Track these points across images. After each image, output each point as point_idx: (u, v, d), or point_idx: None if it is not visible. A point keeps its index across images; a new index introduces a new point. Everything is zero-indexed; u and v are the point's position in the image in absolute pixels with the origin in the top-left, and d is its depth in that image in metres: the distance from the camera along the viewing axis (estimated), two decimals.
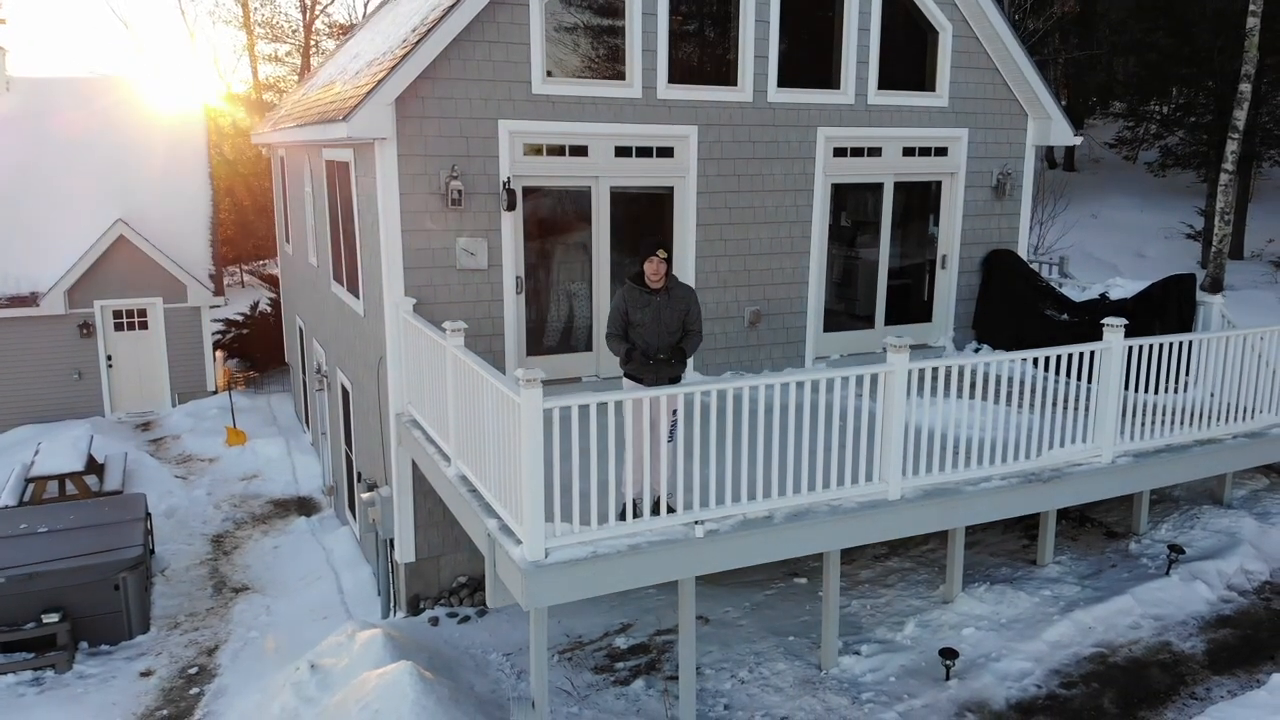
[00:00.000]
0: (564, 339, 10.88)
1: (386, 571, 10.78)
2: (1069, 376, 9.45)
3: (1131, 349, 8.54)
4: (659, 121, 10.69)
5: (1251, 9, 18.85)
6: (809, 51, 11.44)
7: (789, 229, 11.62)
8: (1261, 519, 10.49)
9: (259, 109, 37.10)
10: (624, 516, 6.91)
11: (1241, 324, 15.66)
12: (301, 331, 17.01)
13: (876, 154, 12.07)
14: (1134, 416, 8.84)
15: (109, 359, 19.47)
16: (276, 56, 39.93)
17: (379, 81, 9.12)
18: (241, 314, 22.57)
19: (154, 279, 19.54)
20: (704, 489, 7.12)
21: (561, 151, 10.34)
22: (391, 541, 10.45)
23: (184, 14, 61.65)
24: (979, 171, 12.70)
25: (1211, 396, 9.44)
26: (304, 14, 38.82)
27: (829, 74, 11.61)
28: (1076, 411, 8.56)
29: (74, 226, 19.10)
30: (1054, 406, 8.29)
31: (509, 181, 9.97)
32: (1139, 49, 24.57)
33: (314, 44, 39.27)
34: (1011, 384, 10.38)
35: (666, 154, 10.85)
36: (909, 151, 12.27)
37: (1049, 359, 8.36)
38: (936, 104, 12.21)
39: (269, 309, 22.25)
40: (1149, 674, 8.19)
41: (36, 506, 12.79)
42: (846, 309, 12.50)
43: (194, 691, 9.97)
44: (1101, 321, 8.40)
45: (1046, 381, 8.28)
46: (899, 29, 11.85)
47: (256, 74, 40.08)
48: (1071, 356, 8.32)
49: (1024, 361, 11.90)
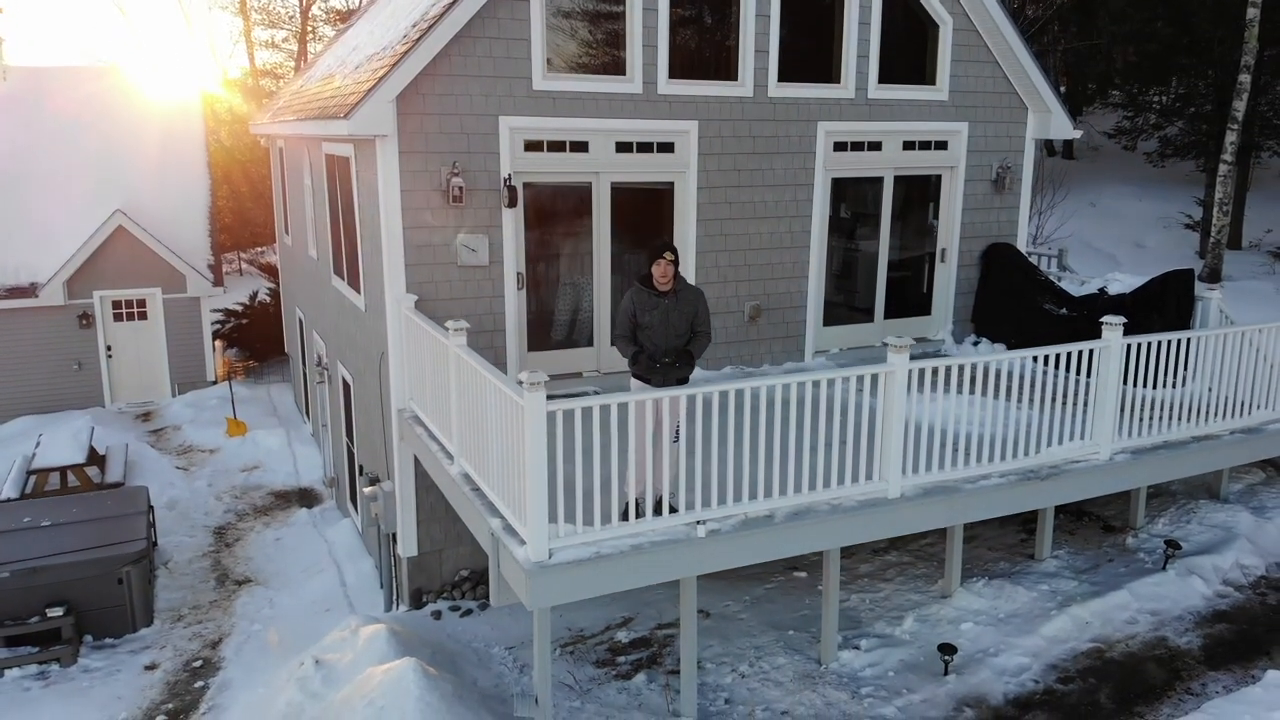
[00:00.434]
0: (565, 334, 10.91)
1: (389, 565, 10.85)
2: (1068, 371, 9.51)
3: (1130, 347, 8.59)
4: (660, 117, 10.69)
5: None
6: (809, 46, 11.43)
7: (789, 224, 11.64)
8: (1258, 513, 10.58)
9: (256, 96, 36.98)
10: (626, 516, 6.97)
11: (1240, 316, 15.71)
12: (301, 323, 17.03)
13: (877, 148, 12.08)
14: (1132, 412, 8.89)
15: (108, 349, 19.48)
16: (273, 43, 39.74)
17: (380, 79, 9.12)
18: (241, 304, 22.57)
19: (153, 269, 19.53)
20: (706, 488, 7.18)
21: (562, 147, 10.35)
22: (394, 535, 10.52)
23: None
24: (978, 165, 12.72)
25: (1209, 391, 9.49)
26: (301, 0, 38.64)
27: (829, 68, 11.61)
28: (1075, 407, 8.61)
29: (73, 217, 19.08)
30: (1053, 401, 8.35)
31: (510, 178, 9.98)
32: (1138, 38, 24.53)
33: (311, 30, 39.09)
34: (1010, 378, 10.42)
35: (667, 149, 10.86)
36: (909, 145, 12.28)
37: (1048, 356, 8.41)
38: (936, 98, 12.22)
39: (268, 299, 22.25)
40: (1145, 669, 8.28)
41: (39, 500, 12.82)
42: (846, 303, 12.54)
43: (198, 685, 10.04)
44: (1101, 320, 8.44)
45: (1045, 376, 8.32)
46: (899, 22, 11.84)
47: (253, 60, 39.91)
48: (1071, 355, 8.37)
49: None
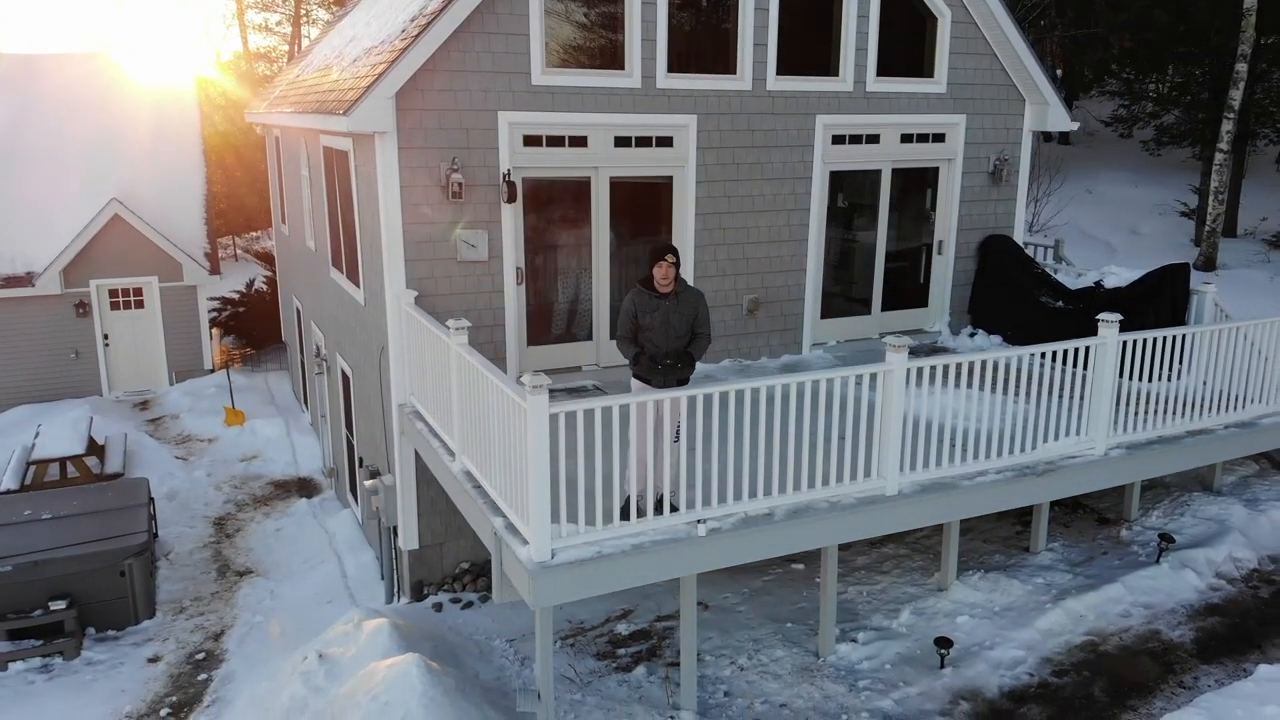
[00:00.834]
0: (565, 328, 10.96)
1: (390, 557, 10.93)
2: (1064, 364, 9.56)
3: (1126, 344, 8.65)
4: (658, 111, 10.69)
5: None
6: (808, 39, 11.43)
7: (787, 217, 11.67)
8: (1250, 506, 10.69)
9: (250, 79, 36.77)
10: (627, 514, 7.03)
11: (1234, 305, 15.80)
12: (299, 312, 17.04)
13: (875, 141, 12.10)
14: (1127, 405, 8.95)
15: (105, 338, 19.48)
16: (267, 26, 39.54)
17: (379, 75, 9.12)
18: (237, 291, 22.55)
19: (149, 258, 19.50)
20: (706, 487, 7.24)
21: (561, 142, 10.36)
22: (395, 528, 10.59)
23: None
24: (976, 157, 12.75)
25: (1204, 384, 9.57)
26: None
27: (828, 61, 11.61)
28: (1071, 400, 8.64)
29: (68, 205, 19.03)
30: (1049, 394, 8.35)
31: (509, 173, 10.00)
32: (1136, 26, 24.50)
33: (305, 13, 38.85)
34: (1007, 372, 10.46)
35: (666, 143, 10.87)
36: (907, 138, 12.30)
37: (1045, 350, 8.46)
38: (934, 90, 12.23)
39: (265, 287, 22.22)
40: (1139, 662, 8.40)
41: (40, 492, 12.87)
42: (844, 295, 12.59)
43: (202, 677, 10.13)
44: (1097, 317, 8.50)
45: (1042, 368, 8.38)
46: (897, 15, 11.84)
47: (246, 44, 39.69)
48: (1067, 352, 8.43)
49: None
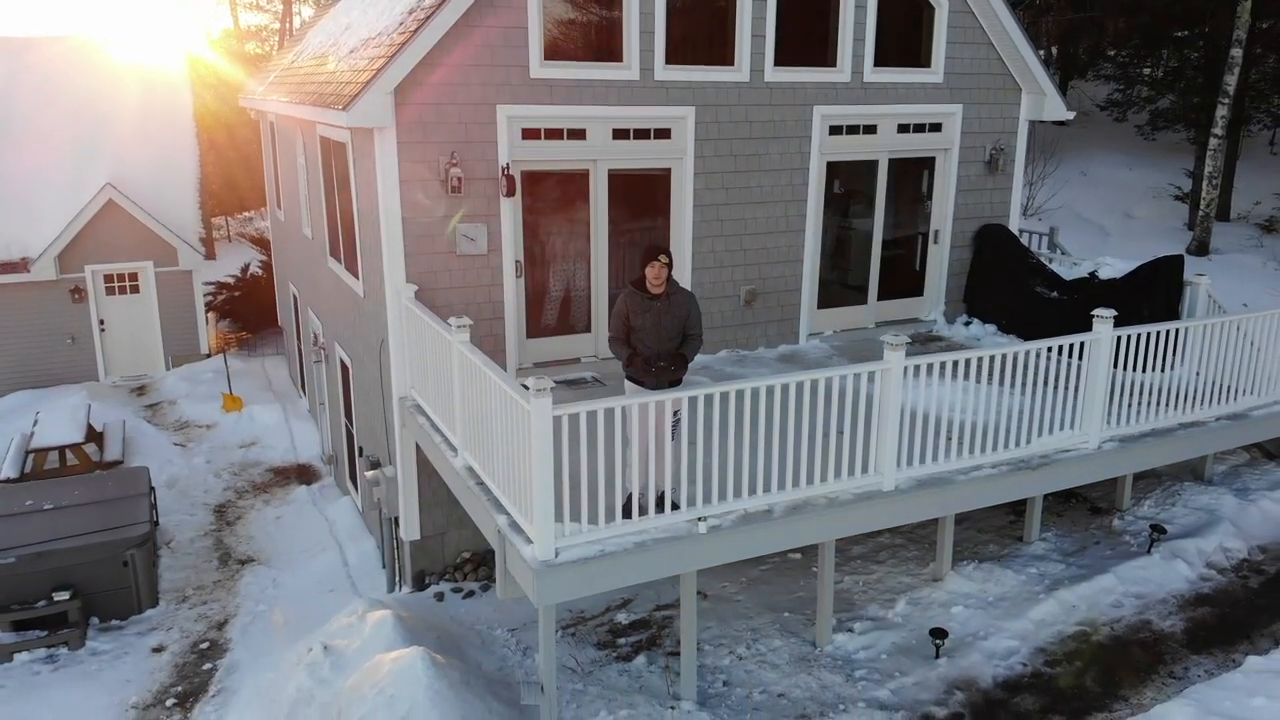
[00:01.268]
0: (563, 320, 11.02)
1: (391, 547, 11.03)
2: (1059, 354, 9.64)
3: (1121, 339, 8.75)
4: (657, 103, 10.71)
5: None
6: (806, 30, 11.43)
7: (784, 208, 11.72)
8: (1241, 495, 10.83)
9: (241, 58, 36.47)
10: (629, 512, 7.13)
11: (1227, 291, 15.90)
12: (295, 299, 17.05)
13: (872, 131, 12.13)
14: (1121, 396, 9.04)
15: (101, 323, 19.48)
16: (257, 4, 39.15)
17: (378, 70, 9.11)
18: (233, 276, 22.51)
19: (144, 243, 19.46)
20: (706, 484, 7.33)
21: (560, 135, 10.37)
22: (396, 519, 10.68)
23: None
24: (972, 147, 12.80)
25: (1197, 375, 9.68)
26: None
27: (825, 52, 11.62)
28: (1065, 391, 8.70)
29: (62, 191, 18.95)
30: (1044, 385, 8.40)
31: (508, 167, 10.02)
32: (1131, 10, 24.43)
33: None
34: (1003, 363, 10.55)
35: (664, 135, 10.90)
36: (904, 128, 12.33)
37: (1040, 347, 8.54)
38: (931, 80, 12.25)
39: (260, 271, 22.20)
40: (1130, 653, 8.55)
41: (41, 481, 12.92)
42: (840, 285, 12.67)
43: (206, 667, 10.24)
44: (1092, 313, 8.59)
45: (1037, 361, 8.46)
46: (895, 5, 11.84)
47: (237, 21, 39.37)
48: (1063, 348, 8.52)
49: (1013, 339, 12.18)
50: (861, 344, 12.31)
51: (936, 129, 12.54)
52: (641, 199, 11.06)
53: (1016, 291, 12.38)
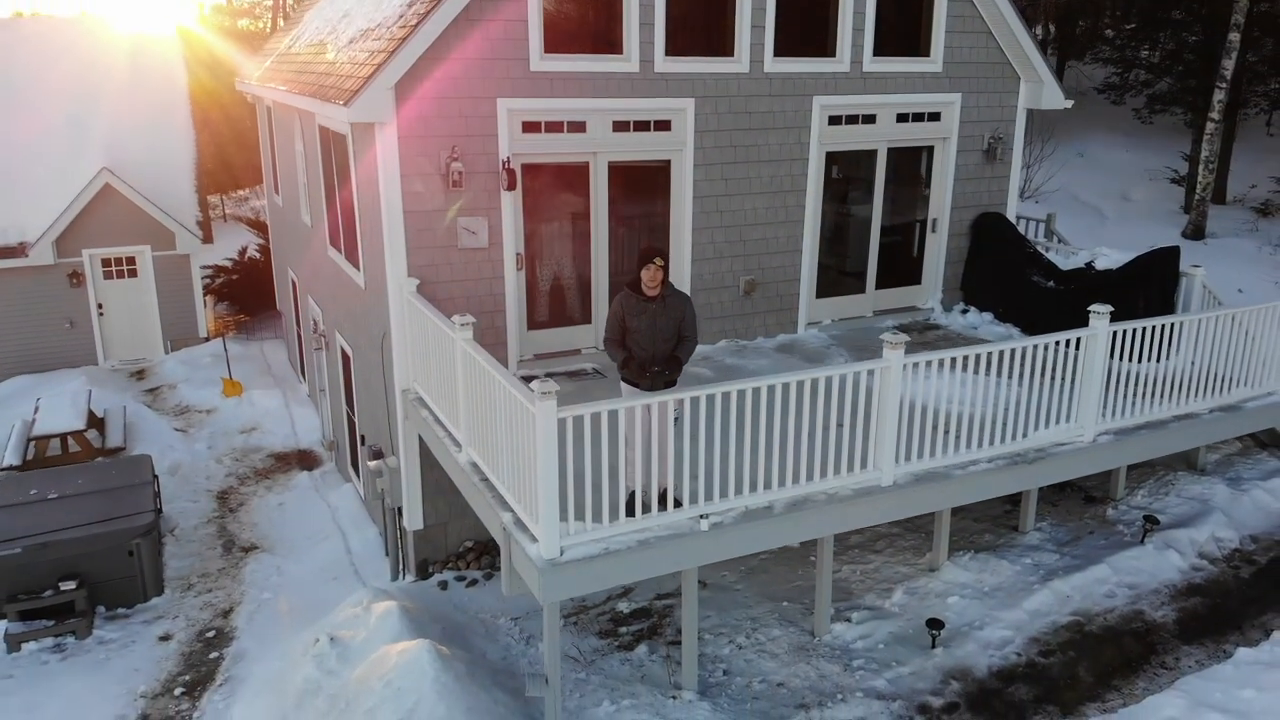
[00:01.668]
0: (564, 312, 11.09)
1: (394, 536, 11.15)
2: (1056, 345, 9.71)
3: (1117, 333, 8.84)
4: (657, 95, 10.72)
5: None
6: (805, 20, 11.42)
7: (784, 198, 11.76)
8: (1233, 485, 10.98)
9: (234, 35, 36.21)
10: (632, 509, 7.23)
11: (1222, 276, 15.99)
12: (295, 284, 17.07)
13: (871, 121, 12.16)
14: (1116, 386, 9.13)
15: (100, 307, 19.49)
16: None
17: (379, 65, 9.12)
18: (230, 259, 22.50)
19: (142, 226, 19.44)
20: (708, 481, 7.43)
21: (560, 128, 10.40)
22: (399, 509, 10.79)
23: None
24: (970, 136, 12.83)
25: (1192, 364, 9.78)
26: None
27: (825, 42, 11.62)
28: (1061, 383, 8.77)
29: (58, 174, 18.87)
30: (1042, 375, 8.45)
31: (509, 160, 10.05)
32: None
33: None
34: (1001, 358, 10.63)
35: (664, 127, 10.92)
36: (903, 117, 12.36)
37: (1037, 333, 8.60)
38: (930, 69, 12.27)
39: (258, 255, 22.18)
40: (1122, 643, 8.72)
41: (44, 470, 12.99)
42: (839, 274, 12.74)
43: (213, 655, 10.37)
44: (1089, 309, 8.67)
45: (1035, 349, 8.55)
46: None
47: None
48: (1060, 343, 8.61)
49: (1011, 329, 12.28)
50: (860, 333, 12.41)
51: (935, 118, 12.57)
52: (641, 191, 11.10)
53: (1013, 280, 12.46)
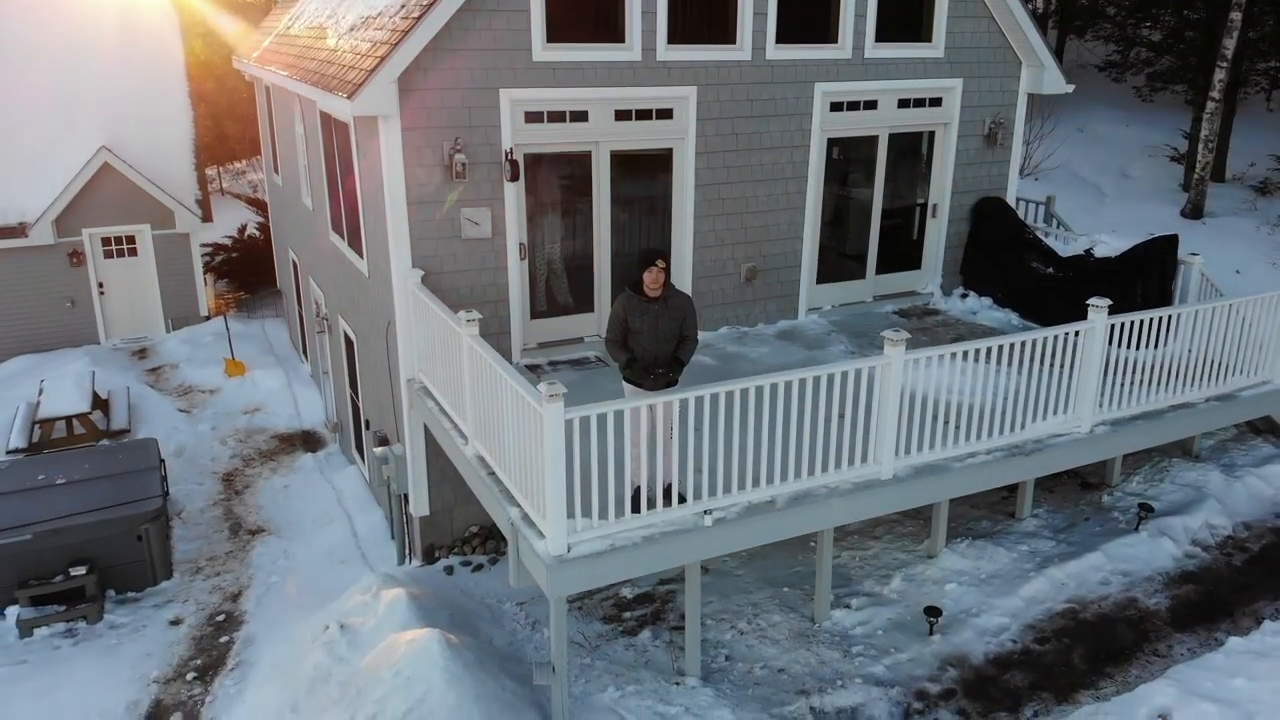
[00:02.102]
0: (567, 301, 11.17)
1: (401, 522, 11.29)
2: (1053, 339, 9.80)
3: (1115, 326, 8.94)
4: (659, 83, 10.73)
5: None
6: (807, 6, 11.42)
7: (785, 185, 11.80)
8: (1227, 471, 11.13)
9: (229, 5, 35.80)
10: (637, 505, 7.37)
11: (1219, 256, 16.05)
12: (295, 266, 17.11)
13: (872, 107, 12.18)
14: (1113, 374, 9.22)
15: (100, 286, 19.53)
16: None
17: (383, 58, 9.12)
18: (230, 237, 22.48)
19: (141, 205, 19.44)
20: (711, 477, 7.55)
21: (562, 118, 10.42)
22: (405, 495, 10.93)
23: None
24: (971, 120, 12.85)
25: (1189, 352, 9.89)
26: None
27: (827, 28, 11.61)
28: (1059, 370, 8.83)
29: (57, 154, 18.82)
30: (1041, 362, 8.51)
31: (511, 151, 10.08)
32: None
33: None
34: (999, 352, 10.67)
35: (666, 115, 10.94)
36: (904, 103, 12.38)
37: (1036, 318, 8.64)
38: (932, 55, 12.26)
39: (258, 233, 22.17)
40: (1116, 630, 8.91)
41: (52, 455, 13.11)
42: (839, 260, 12.81)
43: (224, 640, 10.55)
44: (1088, 302, 8.77)
45: (1033, 343, 8.63)
46: None
47: None
48: (1058, 338, 8.70)
49: (1010, 314, 12.39)
50: (860, 318, 12.51)
51: (936, 103, 12.58)
52: (643, 179, 11.14)
53: (1013, 266, 12.54)
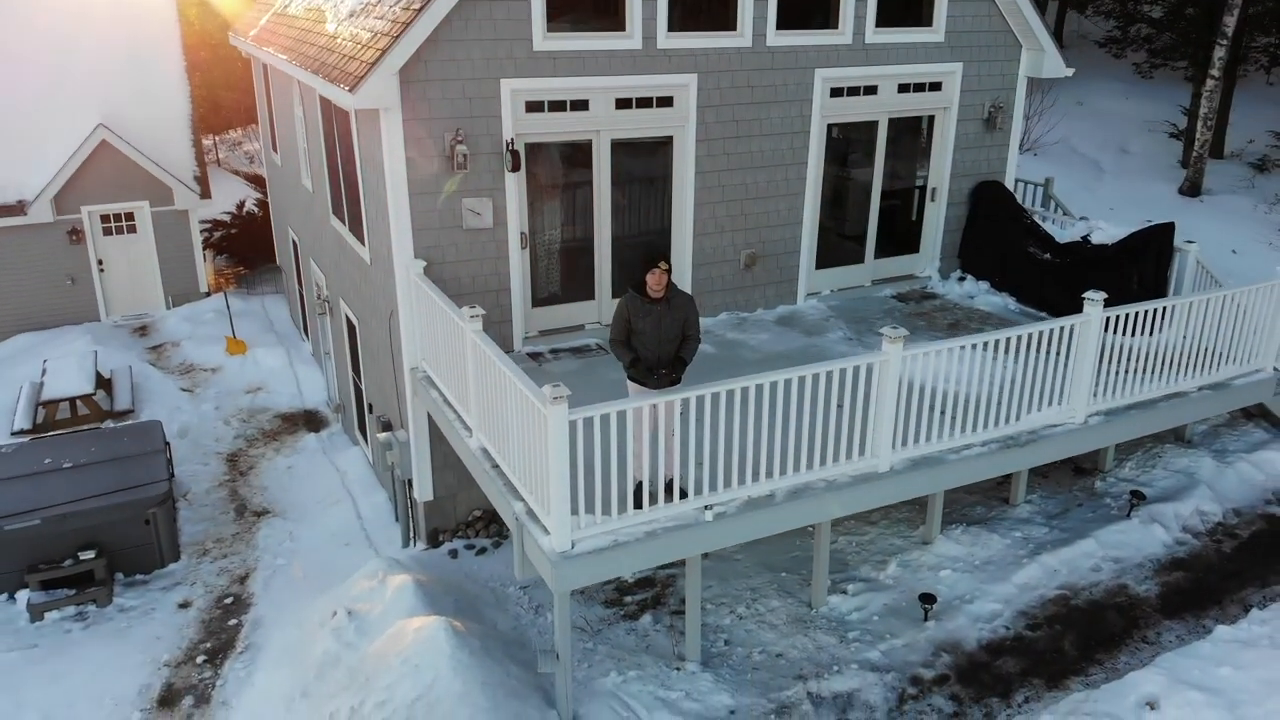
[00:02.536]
0: (568, 289, 11.25)
1: (405, 506, 11.46)
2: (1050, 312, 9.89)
3: (1110, 318, 9.05)
4: (659, 71, 10.74)
5: None
6: None
7: (785, 171, 11.85)
8: (1219, 457, 11.29)
9: None
10: (639, 501, 7.52)
11: (1216, 236, 16.08)
12: (295, 245, 17.14)
13: (872, 92, 12.18)
14: (1108, 360, 9.33)
15: (100, 263, 19.57)
16: None
17: (384, 50, 9.13)
18: (228, 213, 22.46)
19: (139, 183, 19.44)
20: (712, 472, 7.70)
21: (563, 107, 10.44)
22: (410, 480, 11.08)
23: None
24: (971, 105, 12.86)
25: (1183, 339, 10.01)
26: None
27: (827, 14, 11.60)
28: (1054, 358, 8.93)
29: (54, 132, 18.79)
30: (1037, 350, 8.61)
31: (512, 141, 10.11)
32: None
33: None
34: (996, 345, 10.75)
35: (666, 103, 10.96)
36: (904, 88, 12.38)
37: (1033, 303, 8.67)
38: (933, 39, 12.25)
39: (256, 209, 22.15)
40: (1106, 617, 9.10)
41: (57, 437, 13.21)
42: (838, 245, 12.87)
43: (232, 622, 10.74)
44: (1084, 295, 8.87)
45: (1029, 336, 8.74)
46: None
47: None
48: (1053, 331, 8.81)
49: (1007, 298, 12.49)
50: (858, 302, 12.61)
51: (936, 88, 12.59)
52: (644, 167, 11.18)
53: (1010, 251, 12.61)
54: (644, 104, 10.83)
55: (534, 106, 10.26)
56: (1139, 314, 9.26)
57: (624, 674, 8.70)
